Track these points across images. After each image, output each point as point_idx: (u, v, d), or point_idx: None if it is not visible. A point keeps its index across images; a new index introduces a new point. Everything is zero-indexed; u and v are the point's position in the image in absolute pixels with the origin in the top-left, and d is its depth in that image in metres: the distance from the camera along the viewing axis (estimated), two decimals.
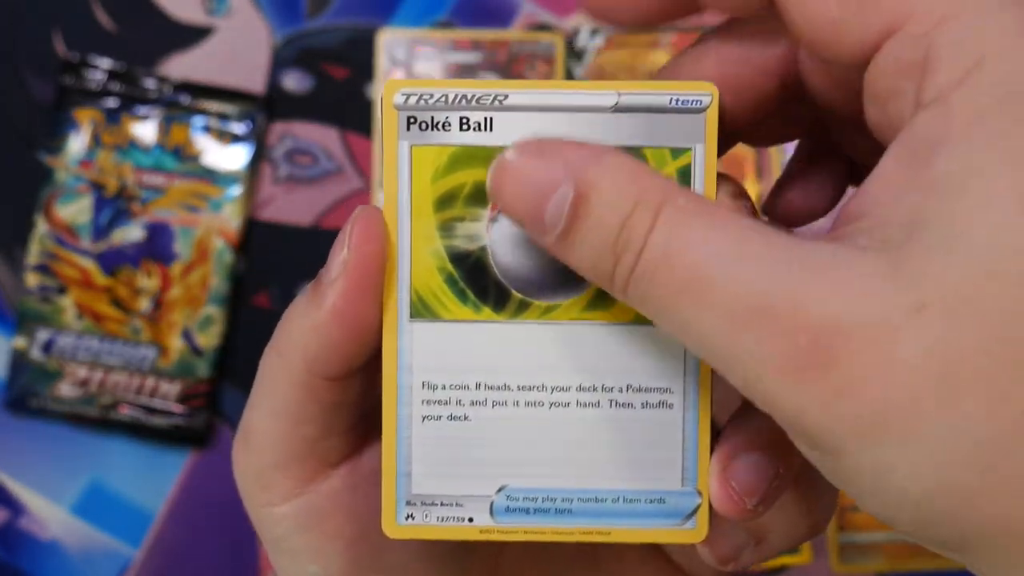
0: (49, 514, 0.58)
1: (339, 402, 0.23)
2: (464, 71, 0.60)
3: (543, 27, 0.60)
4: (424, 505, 0.23)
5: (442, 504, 0.23)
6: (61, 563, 0.58)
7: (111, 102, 0.59)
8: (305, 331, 0.22)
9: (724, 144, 0.22)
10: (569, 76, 0.60)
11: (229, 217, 0.58)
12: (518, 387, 0.22)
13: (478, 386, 0.23)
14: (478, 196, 0.22)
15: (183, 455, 0.58)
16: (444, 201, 0.22)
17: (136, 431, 0.58)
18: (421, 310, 0.22)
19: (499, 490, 0.23)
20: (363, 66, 0.60)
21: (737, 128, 0.23)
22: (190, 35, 0.60)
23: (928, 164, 0.17)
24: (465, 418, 0.23)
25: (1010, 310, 0.16)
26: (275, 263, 0.59)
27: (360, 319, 0.22)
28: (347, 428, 0.24)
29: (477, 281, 0.22)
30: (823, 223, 0.24)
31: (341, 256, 0.21)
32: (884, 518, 0.17)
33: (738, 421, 0.22)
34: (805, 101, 0.22)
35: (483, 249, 0.22)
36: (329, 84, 0.60)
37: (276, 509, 0.24)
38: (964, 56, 0.17)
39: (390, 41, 0.60)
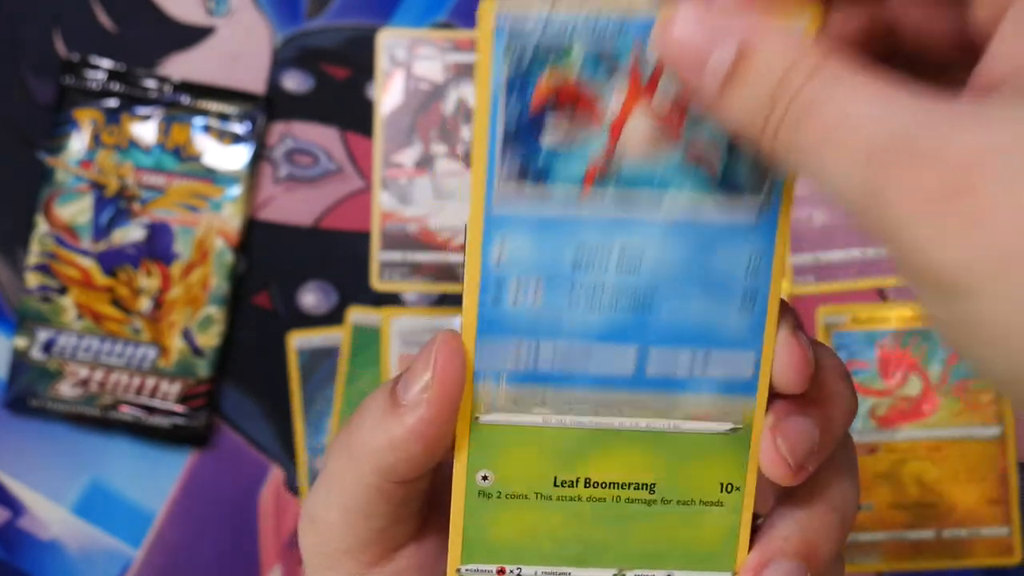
0: (49, 514, 0.58)
1: (408, 497, 0.24)
2: (464, 71, 0.60)
3: None
4: None
5: None
6: (61, 563, 0.58)
7: (111, 102, 0.59)
8: (381, 444, 0.23)
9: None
10: None
11: (229, 217, 0.58)
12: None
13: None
14: None
15: (183, 455, 0.58)
16: None
17: (136, 431, 0.58)
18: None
19: None
20: (363, 66, 0.60)
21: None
22: (190, 35, 0.60)
23: None
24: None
25: None
26: (275, 263, 0.59)
27: (438, 440, 0.23)
28: (413, 515, 0.25)
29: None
30: None
31: (425, 378, 0.22)
32: (1012, 376, 0.17)
33: (776, 519, 0.24)
34: None
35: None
36: (329, 84, 0.60)
37: None
38: None
39: (390, 41, 0.60)
